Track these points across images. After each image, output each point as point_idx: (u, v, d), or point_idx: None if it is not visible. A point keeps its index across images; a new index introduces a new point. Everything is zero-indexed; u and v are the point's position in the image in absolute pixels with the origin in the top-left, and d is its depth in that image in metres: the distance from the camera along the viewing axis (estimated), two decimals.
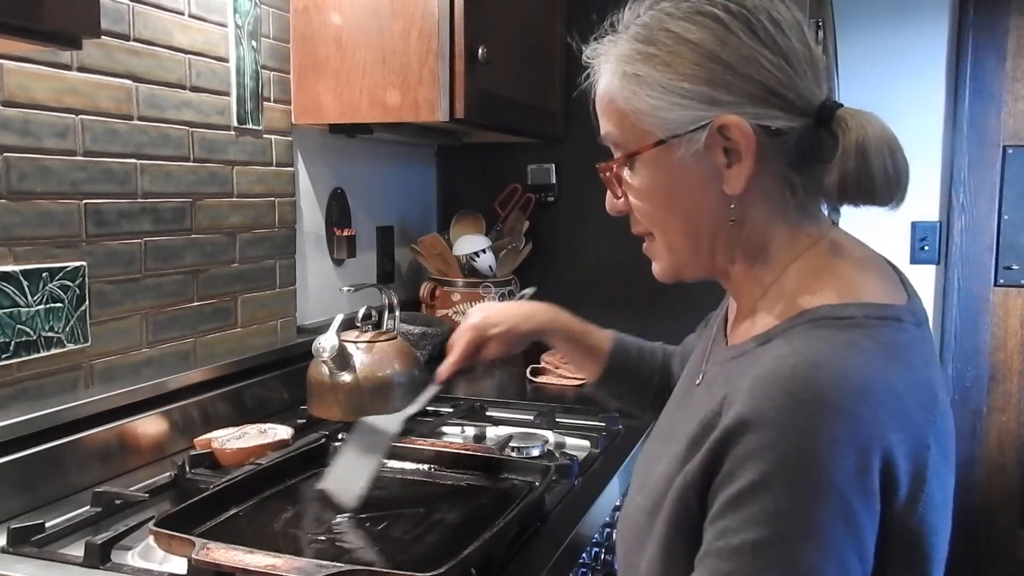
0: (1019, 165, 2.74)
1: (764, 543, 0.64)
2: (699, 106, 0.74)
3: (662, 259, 0.84)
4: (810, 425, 0.64)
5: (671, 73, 0.74)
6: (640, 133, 0.77)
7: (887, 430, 0.65)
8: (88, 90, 1.29)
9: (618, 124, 0.80)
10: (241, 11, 1.60)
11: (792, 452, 0.64)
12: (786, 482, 0.63)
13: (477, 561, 0.95)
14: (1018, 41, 2.71)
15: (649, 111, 0.76)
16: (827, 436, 0.63)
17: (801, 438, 0.64)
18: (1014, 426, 2.81)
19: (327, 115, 1.75)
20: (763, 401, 0.66)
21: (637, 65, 0.76)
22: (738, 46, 0.73)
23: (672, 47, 0.74)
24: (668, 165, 0.77)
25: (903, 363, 0.69)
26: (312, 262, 1.89)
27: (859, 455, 0.63)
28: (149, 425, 1.37)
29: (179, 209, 1.48)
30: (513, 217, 2.30)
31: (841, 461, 0.63)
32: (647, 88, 0.75)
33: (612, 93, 0.78)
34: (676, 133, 0.75)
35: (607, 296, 2.28)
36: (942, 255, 2.78)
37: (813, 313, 0.72)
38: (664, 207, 0.80)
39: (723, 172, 0.75)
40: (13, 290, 1.18)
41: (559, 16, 2.19)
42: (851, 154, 0.72)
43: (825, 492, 0.63)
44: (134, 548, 1.07)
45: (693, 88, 0.74)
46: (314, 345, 1.50)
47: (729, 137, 0.74)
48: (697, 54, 0.74)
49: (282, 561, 0.89)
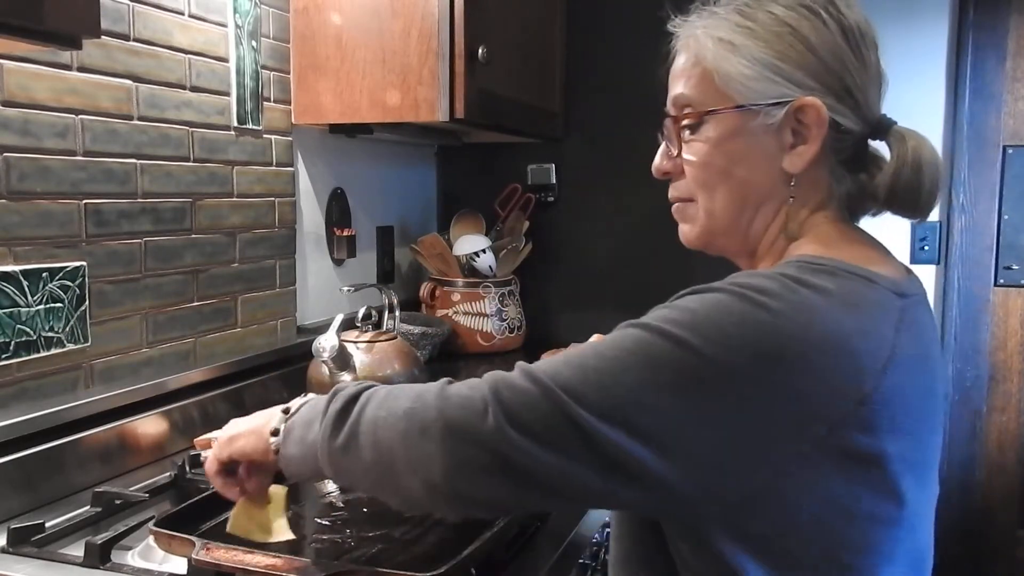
0: (1019, 165, 2.74)
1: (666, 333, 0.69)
2: (785, 84, 0.79)
3: (697, 223, 0.86)
4: (735, 292, 0.69)
5: (767, 48, 0.79)
6: (721, 95, 0.81)
7: (821, 356, 0.67)
8: (88, 90, 1.29)
9: (698, 85, 0.83)
10: (241, 11, 1.60)
11: (705, 295, 0.71)
12: (714, 324, 0.68)
13: (477, 561, 0.95)
14: (1018, 41, 2.71)
15: (737, 76, 0.80)
16: (743, 304, 0.68)
17: (721, 295, 0.70)
18: (1014, 426, 2.81)
19: (327, 115, 1.75)
20: (712, 297, 0.71)
21: (734, 34, 0.80)
22: (832, 44, 0.79)
23: (772, 27, 0.79)
24: (740, 130, 0.81)
25: (862, 311, 0.71)
26: (312, 262, 1.89)
27: (772, 348, 0.67)
28: (149, 425, 1.37)
29: (179, 209, 1.48)
30: (513, 217, 2.30)
31: (740, 323, 0.68)
32: (740, 56, 0.80)
33: (701, 55, 0.82)
34: (758, 103, 0.80)
35: (607, 296, 2.28)
36: (942, 255, 2.77)
37: (793, 261, 0.76)
38: (721, 170, 0.83)
39: (786, 151, 0.80)
40: (13, 290, 1.18)
41: (559, 16, 2.19)
42: (908, 166, 0.79)
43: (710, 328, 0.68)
44: (134, 548, 1.07)
45: (784, 67, 0.79)
46: (314, 345, 1.50)
47: (802, 120, 0.79)
48: (795, 39, 0.79)
49: (282, 561, 0.89)
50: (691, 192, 0.86)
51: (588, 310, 2.32)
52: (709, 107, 0.82)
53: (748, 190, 0.83)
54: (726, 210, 0.84)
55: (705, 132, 0.83)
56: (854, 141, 0.82)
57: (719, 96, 0.81)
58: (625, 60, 2.21)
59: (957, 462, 2.77)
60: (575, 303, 2.36)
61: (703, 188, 0.84)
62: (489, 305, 2.18)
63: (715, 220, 0.85)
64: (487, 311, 2.17)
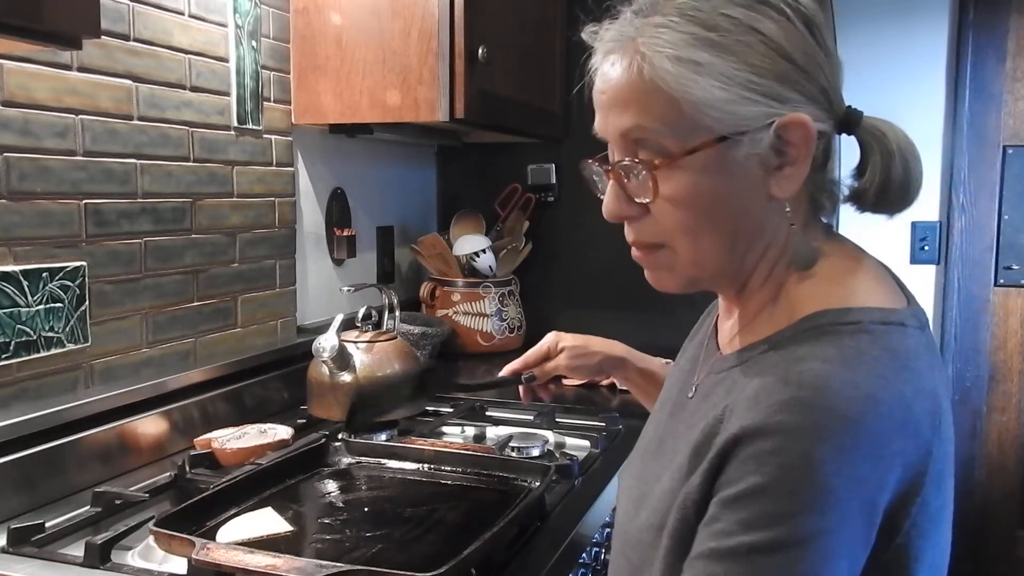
0: (1019, 165, 2.74)
1: (761, 547, 0.62)
2: (767, 102, 0.68)
3: (678, 271, 0.76)
4: (817, 433, 0.62)
5: (739, 63, 0.67)
6: (695, 128, 0.69)
7: (893, 439, 0.64)
8: (88, 90, 1.29)
9: (660, 115, 0.69)
10: (241, 11, 1.60)
11: (797, 459, 0.61)
12: (789, 488, 0.61)
13: (477, 561, 0.95)
14: (1018, 41, 2.71)
15: (715, 103, 0.67)
16: (834, 445, 0.61)
17: (807, 445, 0.61)
18: (1014, 426, 2.81)
19: (327, 115, 1.75)
20: (769, 408, 0.64)
21: (695, 51, 0.67)
22: (801, 43, 0.69)
23: (738, 35, 0.68)
24: (724, 164, 0.69)
25: (910, 369, 0.67)
26: (312, 262, 1.89)
27: (865, 464, 0.62)
28: (149, 425, 1.37)
29: (179, 209, 1.48)
30: (513, 217, 2.30)
31: (847, 470, 0.61)
32: (711, 78, 0.67)
33: (657, 77, 0.68)
34: (742, 130, 0.68)
35: (607, 296, 2.28)
36: (942, 255, 2.77)
37: (817, 319, 0.70)
38: (705, 212, 0.71)
39: (772, 174, 0.71)
40: (13, 290, 1.18)
41: (559, 16, 2.19)
42: (896, 161, 0.72)
43: (828, 501, 0.61)
44: (134, 548, 1.07)
45: (763, 82, 0.68)
46: (314, 345, 1.50)
47: (785, 138, 0.69)
48: (766, 46, 0.68)
49: (282, 561, 0.89)
50: (662, 237, 0.74)
51: (588, 310, 2.32)
52: (679, 141, 0.69)
53: (737, 227, 0.73)
54: (714, 254, 0.73)
55: (685, 170, 0.70)
56: (826, 141, 0.74)
57: (691, 126, 0.69)
58: None
59: (957, 462, 2.75)
60: (575, 303, 2.36)
61: (684, 234, 0.73)
62: (489, 305, 2.18)
63: (701, 267, 0.75)
64: (487, 311, 2.17)
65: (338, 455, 1.31)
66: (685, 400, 0.84)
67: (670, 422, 0.85)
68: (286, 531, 1.05)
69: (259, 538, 1.02)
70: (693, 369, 0.87)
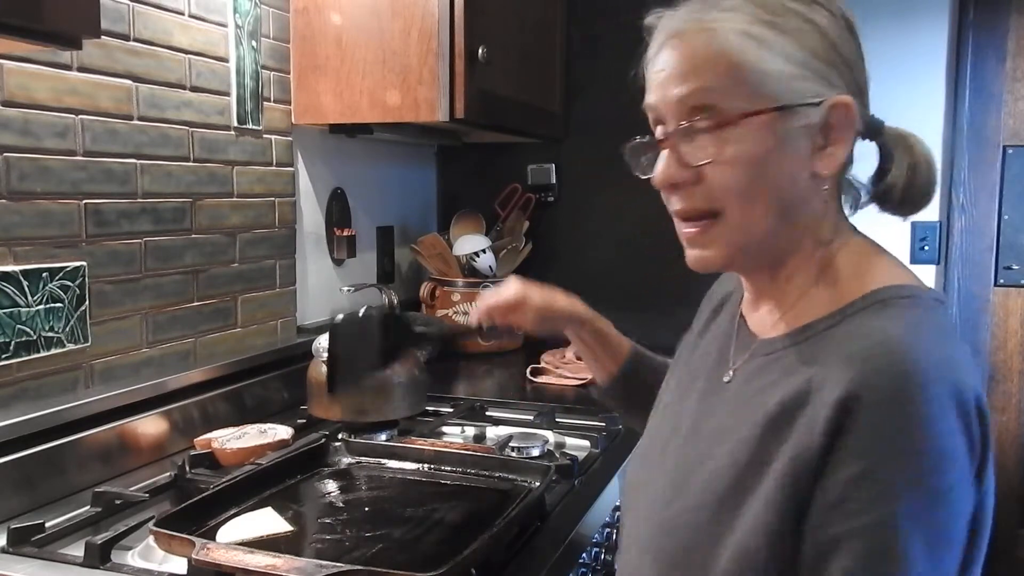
0: (1019, 165, 2.74)
1: (902, 514, 0.66)
2: (820, 82, 0.75)
3: (724, 241, 0.79)
4: (922, 395, 0.66)
5: (797, 45, 0.75)
6: (754, 94, 0.74)
7: (974, 383, 0.70)
8: (88, 90, 1.29)
9: (724, 82, 0.75)
10: (241, 11, 1.60)
11: (910, 421, 0.66)
12: (910, 451, 0.66)
13: (477, 561, 0.95)
14: (1018, 41, 2.71)
15: (774, 74, 0.74)
16: (939, 405, 0.67)
17: (917, 408, 0.66)
18: (1014, 426, 2.81)
19: (327, 115, 1.75)
20: (870, 375, 0.68)
21: (760, 29, 0.75)
22: (845, 39, 0.77)
23: (797, 24, 0.75)
24: (778, 133, 0.75)
25: (955, 338, 0.76)
26: (312, 262, 1.89)
27: (961, 420, 0.68)
28: (149, 425, 1.37)
29: (179, 209, 1.48)
30: (513, 217, 2.30)
31: (952, 427, 0.67)
32: (772, 52, 0.74)
33: (723, 48, 0.75)
34: (797, 103, 0.75)
35: (607, 296, 2.26)
36: (942, 255, 2.77)
37: (880, 294, 0.75)
38: (758, 176, 0.76)
39: (816, 152, 0.76)
40: (13, 290, 1.18)
41: (559, 16, 2.19)
42: (922, 165, 0.80)
43: (946, 458, 0.67)
44: (134, 548, 1.07)
45: (817, 64, 0.75)
46: (314, 345, 1.50)
47: (831, 120, 0.76)
48: (820, 36, 0.76)
49: (282, 561, 0.89)
50: (714, 204, 0.78)
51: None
52: (744, 106, 0.74)
53: (784, 197, 0.77)
54: (763, 222, 0.77)
55: (738, 136, 0.75)
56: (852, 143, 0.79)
57: (751, 95, 0.74)
58: (625, 60, 2.20)
59: None
60: None
61: (738, 197, 0.76)
62: None
63: (750, 235, 0.78)
64: None
65: (338, 455, 1.31)
66: (720, 385, 0.86)
67: (702, 407, 0.87)
68: (286, 531, 1.05)
69: (259, 538, 1.02)
70: (722, 358, 0.89)
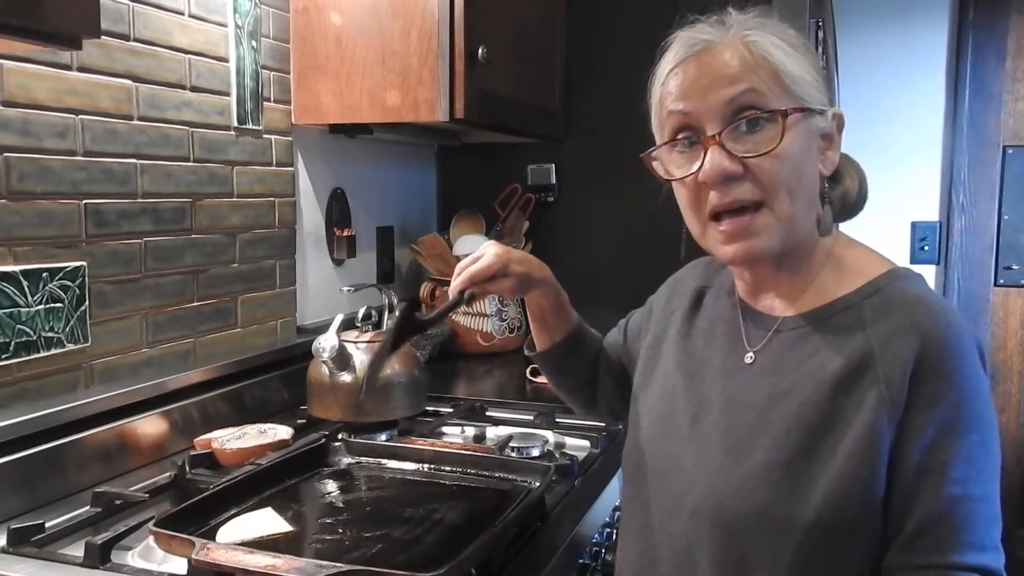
0: (1019, 165, 2.74)
1: (976, 444, 0.80)
2: (825, 93, 0.88)
3: (770, 231, 0.86)
4: (966, 350, 0.81)
5: (807, 61, 0.87)
6: (789, 96, 0.85)
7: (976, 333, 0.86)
8: (88, 90, 1.29)
9: (768, 84, 0.84)
10: (241, 11, 1.60)
11: (970, 368, 0.81)
12: (971, 392, 0.81)
13: (477, 561, 0.95)
14: (1018, 41, 2.71)
15: (801, 81, 0.85)
16: (972, 352, 0.82)
17: (969, 361, 0.81)
18: (1014, 426, 2.81)
19: (327, 115, 1.75)
20: (931, 335, 0.81)
21: (784, 44, 0.86)
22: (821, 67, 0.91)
23: (800, 45, 0.88)
24: (806, 132, 0.86)
25: None
26: (312, 262, 1.89)
27: (980, 356, 0.84)
28: (149, 425, 1.37)
29: (179, 209, 1.48)
30: (513, 217, 2.30)
31: (978, 366, 0.83)
32: (798, 62, 0.86)
33: (766, 54, 0.85)
34: (817, 108, 0.86)
35: (607, 296, 2.27)
36: (942, 255, 2.77)
37: (898, 272, 0.89)
38: (798, 169, 0.86)
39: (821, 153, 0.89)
40: (13, 290, 1.18)
41: (559, 16, 2.19)
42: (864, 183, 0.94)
43: (984, 390, 0.82)
44: (134, 548, 1.07)
45: (820, 80, 0.88)
46: (314, 345, 1.50)
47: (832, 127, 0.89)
48: (815, 57, 0.89)
49: (282, 561, 0.89)
50: (761, 196, 0.84)
51: (588, 310, 2.30)
52: (784, 104, 0.84)
53: (812, 190, 0.88)
54: (802, 212, 0.87)
55: (788, 131, 0.83)
56: None
57: (787, 94, 0.84)
58: (625, 60, 2.20)
59: None
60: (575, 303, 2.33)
61: (785, 189, 0.84)
62: (489, 305, 2.17)
63: (793, 224, 0.86)
64: (487, 311, 2.17)
65: (338, 455, 1.31)
66: (742, 365, 0.93)
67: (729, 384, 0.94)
68: (286, 531, 1.05)
69: (259, 538, 1.02)
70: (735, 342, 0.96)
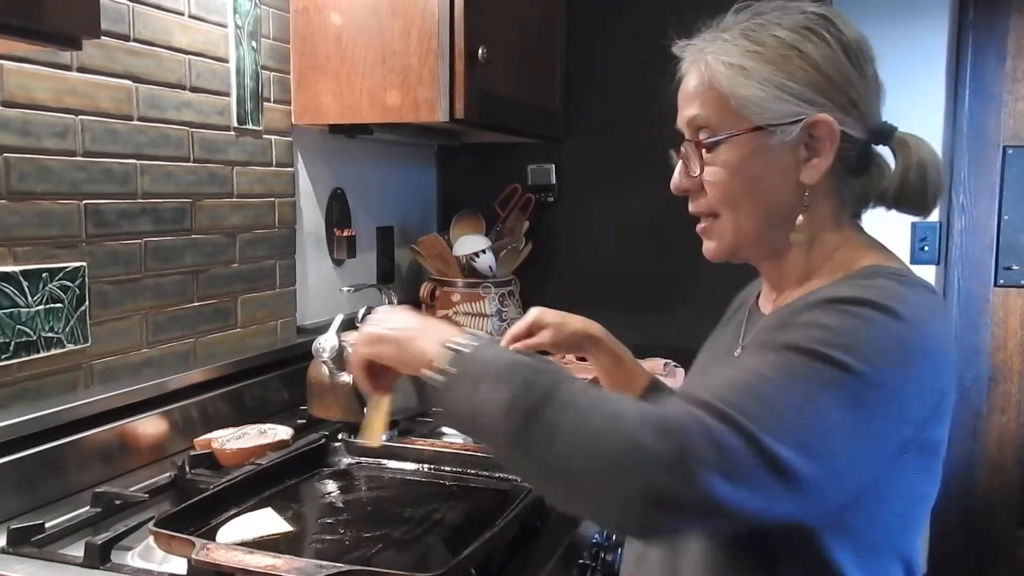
0: (1019, 165, 2.74)
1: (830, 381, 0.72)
2: (797, 103, 0.85)
3: (723, 238, 0.91)
4: (898, 319, 0.75)
5: (776, 70, 0.85)
6: (737, 117, 0.86)
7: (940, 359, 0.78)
8: (88, 90, 1.29)
9: (714, 107, 0.87)
10: (241, 11, 1.60)
11: (881, 326, 0.75)
12: (874, 341, 0.74)
13: (477, 561, 0.95)
14: (1018, 41, 2.71)
15: (752, 99, 0.85)
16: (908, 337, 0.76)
17: (901, 325, 0.75)
18: (1014, 426, 2.81)
19: (327, 115, 1.75)
20: (849, 289, 0.79)
21: (744, 59, 0.85)
22: (835, 61, 0.85)
23: (780, 51, 0.85)
24: (758, 150, 0.86)
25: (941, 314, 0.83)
26: (312, 262, 1.89)
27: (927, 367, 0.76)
28: (149, 425, 1.37)
29: (179, 209, 1.48)
30: (513, 217, 2.30)
31: (899, 350, 0.75)
32: (752, 79, 0.85)
33: (714, 79, 0.86)
34: (773, 123, 0.85)
35: (607, 296, 2.28)
36: (942, 255, 2.77)
37: (869, 269, 0.85)
38: (743, 188, 0.88)
39: (802, 164, 0.86)
40: (13, 290, 1.18)
41: (559, 16, 2.19)
42: (912, 169, 0.87)
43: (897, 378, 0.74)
44: (134, 548, 1.07)
45: (796, 87, 0.84)
46: (314, 345, 1.50)
47: (814, 134, 0.85)
48: (802, 60, 0.85)
49: (282, 561, 0.89)
50: (713, 208, 0.90)
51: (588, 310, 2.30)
52: (727, 129, 0.86)
53: (771, 204, 0.88)
54: (752, 225, 0.89)
55: (725, 153, 0.87)
56: (859, 148, 0.87)
57: (736, 118, 0.86)
58: (625, 60, 2.21)
59: (957, 462, 2.76)
60: (575, 303, 2.33)
61: (727, 206, 0.89)
62: (489, 305, 2.18)
63: (742, 235, 0.90)
64: (487, 311, 2.17)
65: (338, 455, 1.31)
66: (732, 358, 0.96)
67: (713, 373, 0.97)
68: (286, 531, 1.05)
69: (259, 538, 1.02)
70: (735, 340, 0.99)
